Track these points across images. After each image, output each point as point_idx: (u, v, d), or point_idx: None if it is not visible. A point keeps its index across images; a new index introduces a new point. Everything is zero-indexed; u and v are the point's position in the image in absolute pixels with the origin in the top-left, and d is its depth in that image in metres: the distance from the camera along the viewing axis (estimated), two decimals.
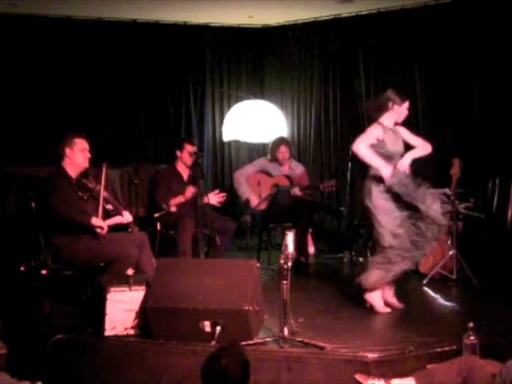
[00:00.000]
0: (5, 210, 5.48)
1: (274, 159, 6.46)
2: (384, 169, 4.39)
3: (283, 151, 6.42)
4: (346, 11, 7.11)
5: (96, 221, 4.53)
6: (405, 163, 4.47)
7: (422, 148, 4.59)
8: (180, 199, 5.62)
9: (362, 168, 4.72)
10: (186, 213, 5.48)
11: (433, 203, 4.35)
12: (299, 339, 3.79)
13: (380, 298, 4.54)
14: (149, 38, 7.31)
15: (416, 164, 4.65)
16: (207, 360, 2.69)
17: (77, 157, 4.62)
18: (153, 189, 5.60)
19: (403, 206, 4.44)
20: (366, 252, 6.25)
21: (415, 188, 4.42)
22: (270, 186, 6.28)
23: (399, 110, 4.56)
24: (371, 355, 3.57)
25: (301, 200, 6.18)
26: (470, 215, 5.58)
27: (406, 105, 4.58)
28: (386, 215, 4.43)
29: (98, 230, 4.52)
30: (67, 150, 4.60)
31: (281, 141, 6.53)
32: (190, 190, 5.57)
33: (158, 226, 5.58)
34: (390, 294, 4.61)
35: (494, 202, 5.84)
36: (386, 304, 4.56)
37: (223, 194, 5.86)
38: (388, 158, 4.49)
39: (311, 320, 4.30)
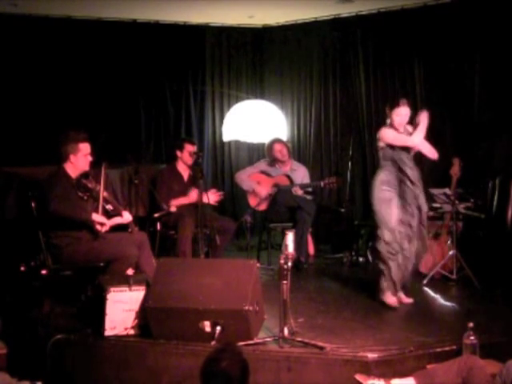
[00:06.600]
0: (4, 210, 5.47)
1: (274, 161, 6.43)
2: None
3: (279, 149, 6.38)
4: (346, 11, 7.11)
5: (97, 216, 4.54)
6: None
7: (430, 150, 4.72)
8: (183, 201, 5.61)
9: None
10: (185, 213, 5.47)
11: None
12: (299, 339, 3.79)
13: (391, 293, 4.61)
14: (149, 38, 7.31)
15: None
16: (206, 363, 2.66)
17: (80, 162, 4.61)
18: (153, 189, 5.60)
19: (404, 208, 4.54)
20: (366, 252, 6.29)
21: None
22: (270, 185, 6.28)
23: (393, 119, 4.64)
24: (371, 355, 3.58)
25: (301, 200, 6.17)
26: (470, 215, 5.58)
27: (396, 111, 4.61)
28: (386, 207, 4.53)
29: (98, 227, 4.52)
30: (71, 157, 4.58)
31: (273, 140, 6.48)
32: (195, 193, 5.52)
33: (158, 226, 5.57)
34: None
35: (494, 202, 5.84)
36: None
37: (220, 193, 5.87)
38: (398, 160, 4.57)
39: (311, 320, 4.30)
